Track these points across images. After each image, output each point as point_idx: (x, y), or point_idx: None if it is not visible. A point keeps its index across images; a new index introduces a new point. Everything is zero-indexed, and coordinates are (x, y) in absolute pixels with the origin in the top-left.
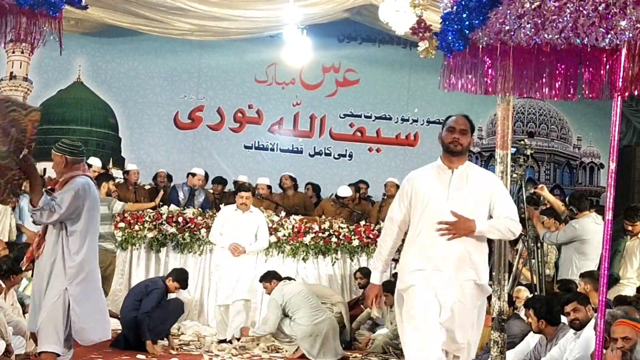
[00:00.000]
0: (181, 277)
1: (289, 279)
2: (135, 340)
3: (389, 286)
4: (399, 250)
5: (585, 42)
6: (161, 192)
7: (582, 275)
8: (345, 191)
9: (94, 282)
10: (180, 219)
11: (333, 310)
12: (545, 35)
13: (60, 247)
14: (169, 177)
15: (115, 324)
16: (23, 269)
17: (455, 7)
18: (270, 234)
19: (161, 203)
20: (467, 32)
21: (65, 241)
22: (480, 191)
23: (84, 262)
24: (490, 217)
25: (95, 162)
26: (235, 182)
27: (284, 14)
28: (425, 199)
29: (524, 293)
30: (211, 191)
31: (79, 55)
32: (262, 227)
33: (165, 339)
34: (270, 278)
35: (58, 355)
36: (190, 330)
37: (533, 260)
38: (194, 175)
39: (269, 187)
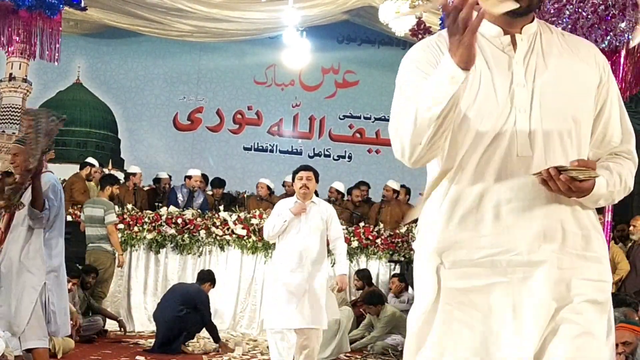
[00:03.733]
0: (210, 277)
1: None
2: (168, 340)
3: (373, 299)
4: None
5: None
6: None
7: None
8: (339, 185)
9: (64, 278)
10: (179, 221)
11: None
12: None
13: (35, 244)
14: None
15: (114, 325)
16: None
17: None
18: None
19: (160, 205)
20: None
21: (42, 239)
22: (577, 78)
23: (60, 258)
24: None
25: (94, 162)
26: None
27: (283, 15)
28: (465, 100)
29: None
30: (210, 193)
31: (78, 56)
32: (335, 222)
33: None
34: None
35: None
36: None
37: None
38: (190, 177)
39: (269, 188)
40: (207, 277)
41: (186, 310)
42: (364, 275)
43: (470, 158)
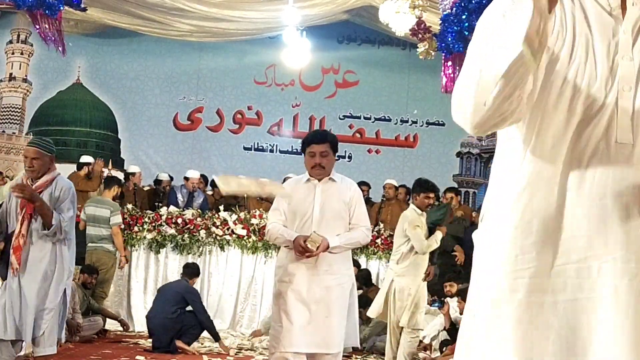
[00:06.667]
0: (197, 271)
1: None
2: (165, 343)
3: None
4: None
5: None
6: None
7: None
8: None
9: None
10: (179, 221)
11: None
12: None
13: (55, 251)
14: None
15: (114, 325)
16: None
17: (454, 9)
18: None
19: (160, 205)
20: (466, 33)
21: (61, 246)
22: None
23: (73, 261)
24: None
25: (89, 159)
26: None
27: (283, 15)
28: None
29: None
30: (210, 193)
31: (78, 56)
32: (360, 205)
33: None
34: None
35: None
36: None
37: None
38: (188, 179)
39: None
40: (194, 272)
41: (180, 311)
42: (359, 276)
43: (557, 140)
